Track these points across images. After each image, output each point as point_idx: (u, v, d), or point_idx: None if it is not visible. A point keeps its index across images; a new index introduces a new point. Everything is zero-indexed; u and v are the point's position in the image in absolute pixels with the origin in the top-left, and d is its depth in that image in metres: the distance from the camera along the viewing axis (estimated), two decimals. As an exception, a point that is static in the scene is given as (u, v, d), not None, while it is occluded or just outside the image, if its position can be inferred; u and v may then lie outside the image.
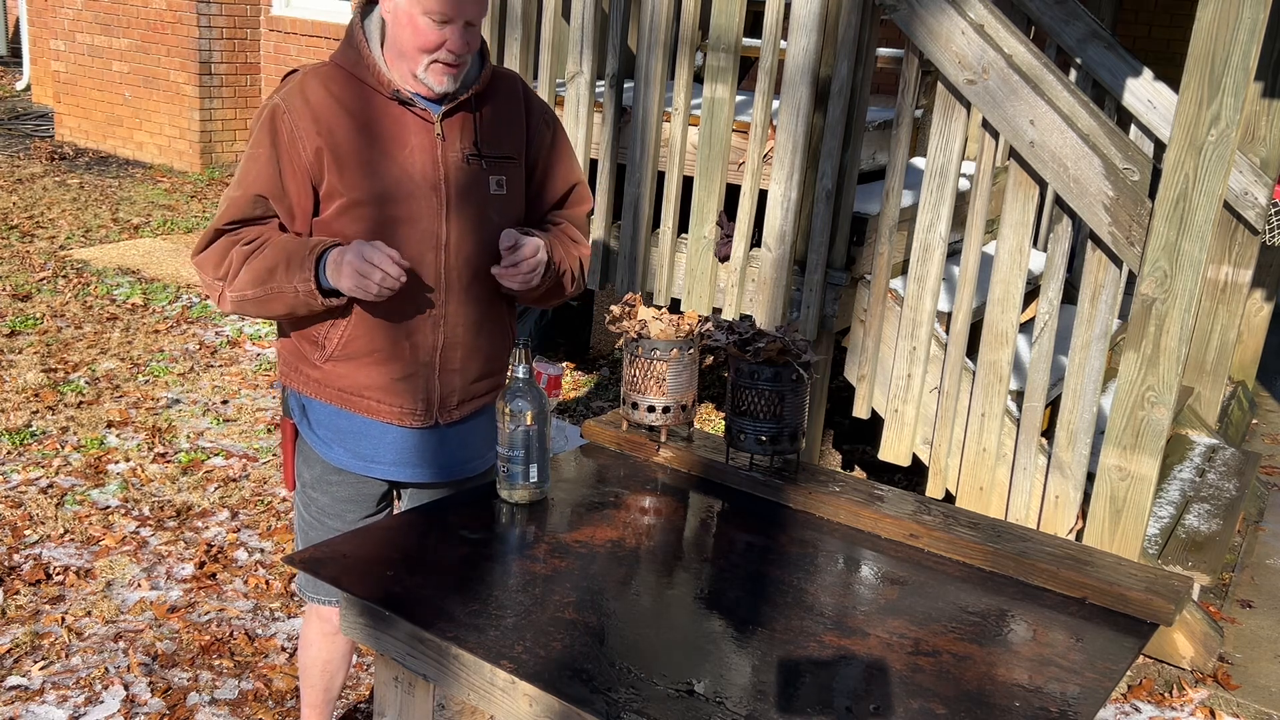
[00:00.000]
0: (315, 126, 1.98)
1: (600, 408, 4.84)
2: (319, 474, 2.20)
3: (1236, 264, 4.30)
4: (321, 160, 1.99)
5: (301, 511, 2.26)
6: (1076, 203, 3.08)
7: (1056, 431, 3.21)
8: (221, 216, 2.03)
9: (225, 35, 8.42)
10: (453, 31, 1.94)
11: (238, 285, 2.01)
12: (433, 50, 1.95)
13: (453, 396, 2.16)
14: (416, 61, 1.97)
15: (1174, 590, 1.79)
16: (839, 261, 3.65)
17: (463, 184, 2.06)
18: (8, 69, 12.04)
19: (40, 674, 2.87)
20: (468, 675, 1.59)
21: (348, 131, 1.99)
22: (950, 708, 1.48)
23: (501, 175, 2.11)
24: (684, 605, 1.71)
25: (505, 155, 2.12)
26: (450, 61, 1.97)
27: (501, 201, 2.12)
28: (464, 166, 2.06)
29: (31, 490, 3.77)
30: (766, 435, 2.10)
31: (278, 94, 2.01)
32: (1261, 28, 2.73)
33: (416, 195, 2.02)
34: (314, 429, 2.17)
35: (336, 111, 1.99)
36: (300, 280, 1.96)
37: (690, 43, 3.80)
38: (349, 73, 2.02)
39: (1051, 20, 4.26)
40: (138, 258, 6.38)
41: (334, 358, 2.09)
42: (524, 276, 2.06)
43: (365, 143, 2.00)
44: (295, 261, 1.97)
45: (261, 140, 1.99)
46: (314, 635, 2.38)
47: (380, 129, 2.01)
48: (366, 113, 2.01)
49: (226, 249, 2.02)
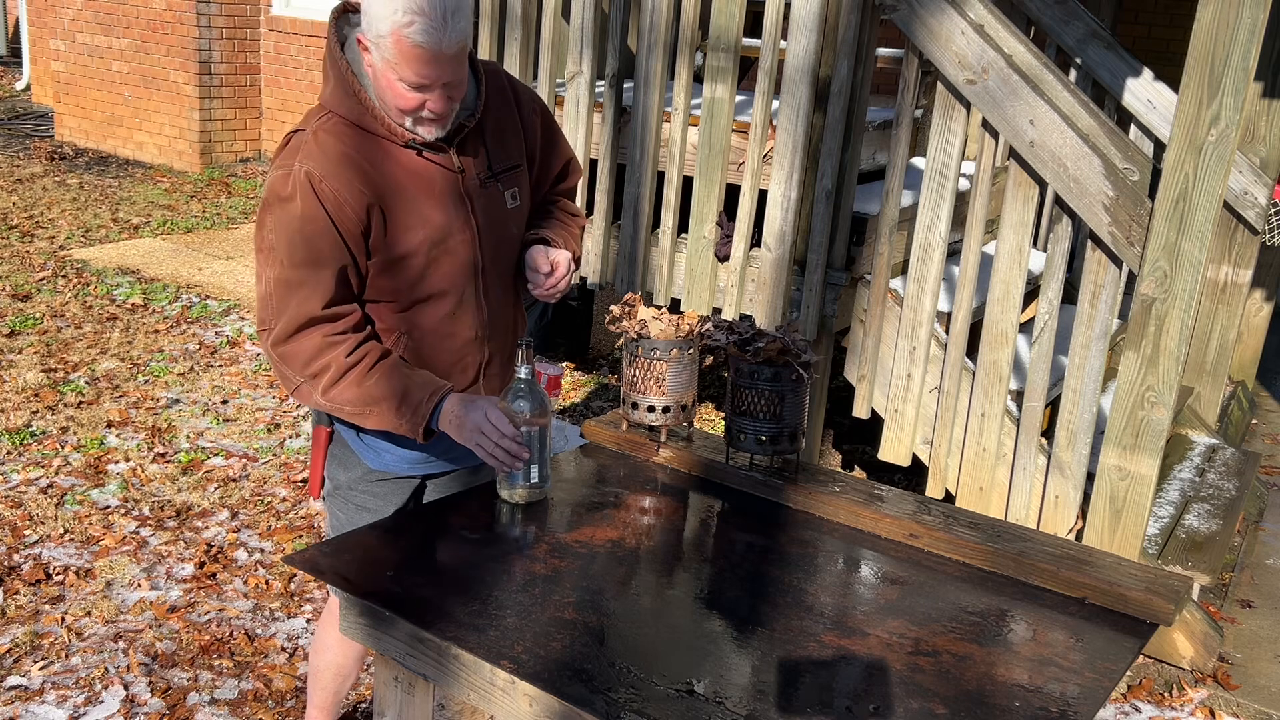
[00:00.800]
0: (352, 187, 1.91)
1: (600, 408, 4.84)
2: (359, 475, 2.19)
3: (1236, 264, 4.30)
4: (369, 220, 1.93)
5: (335, 512, 2.24)
6: (1076, 203, 3.08)
7: (1056, 431, 3.21)
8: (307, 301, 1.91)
9: (225, 35, 8.42)
10: (433, 95, 1.88)
11: (334, 396, 1.95)
12: (414, 111, 1.90)
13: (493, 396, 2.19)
14: (400, 118, 1.92)
15: (1174, 590, 1.79)
16: (839, 261, 3.65)
17: (486, 208, 2.07)
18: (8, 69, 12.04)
19: (40, 674, 2.87)
20: (468, 675, 1.59)
21: (380, 187, 1.94)
22: (950, 708, 1.48)
23: (514, 187, 2.12)
24: (684, 605, 1.71)
25: (513, 165, 2.12)
26: (433, 119, 1.92)
27: (519, 213, 2.15)
28: (483, 192, 2.06)
29: (31, 490, 3.77)
30: (766, 435, 2.10)
31: (297, 161, 1.91)
32: (1261, 28, 2.73)
33: (452, 233, 2.02)
34: (361, 437, 2.16)
35: (365, 168, 1.93)
36: (410, 420, 1.95)
37: (690, 43, 3.80)
38: (355, 125, 1.94)
39: (1051, 20, 4.26)
40: (138, 258, 6.38)
41: None
42: (563, 290, 2.13)
43: (399, 195, 1.96)
44: (410, 403, 1.95)
45: (313, 214, 1.89)
46: (332, 640, 2.38)
47: (407, 178, 1.96)
48: (389, 165, 1.95)
49: (321, 348, 1.93)
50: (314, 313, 1.92)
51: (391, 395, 1.95)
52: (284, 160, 1.93)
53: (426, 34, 1.79)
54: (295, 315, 1.92)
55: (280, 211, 1.91)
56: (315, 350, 1.93)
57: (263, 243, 1.94)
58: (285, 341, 1.94)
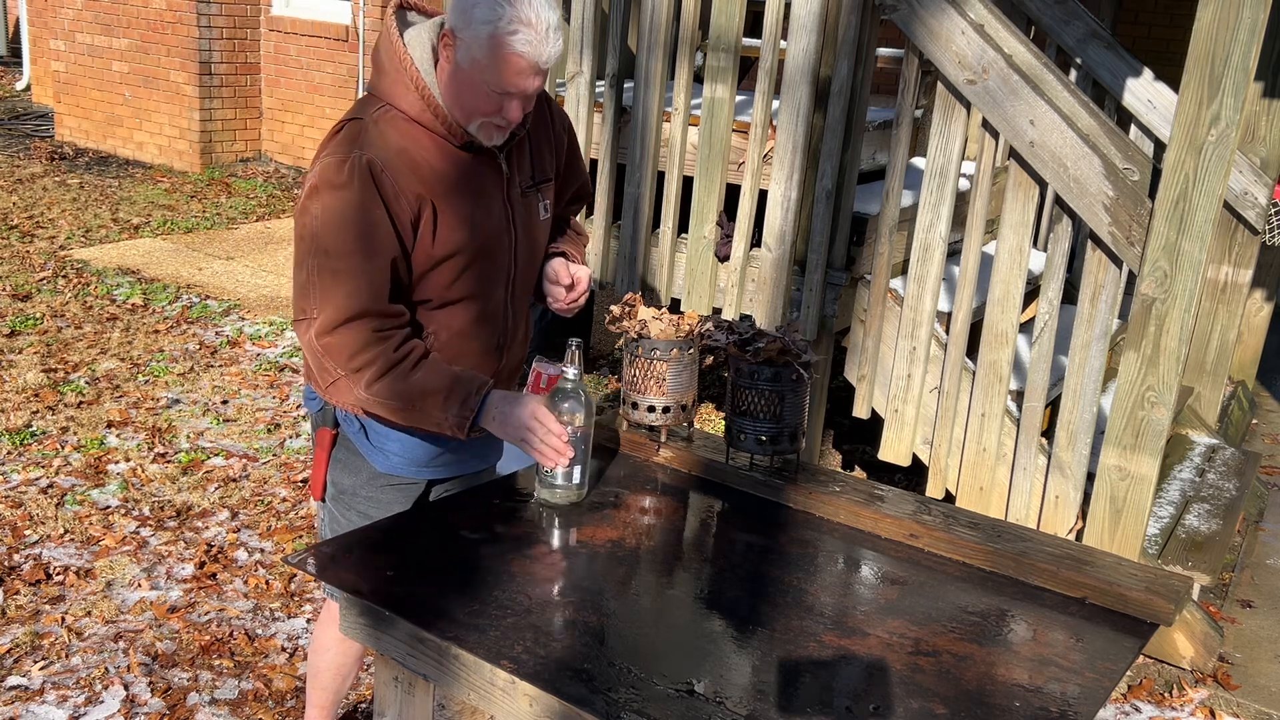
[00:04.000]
0: (412, 180, 1.89)
1: (600, 408, 4.85)
2: (365, 479, 2.15)
3: (1236, 264, 4.29)
4: (421, 215, 1.91)
5: (338, 517, 2.20)
6: (1076, 203, 3.08)
7: (1056, 431, 3.21)
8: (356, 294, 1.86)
9: (225, 35, 8.42)
10: (512, 103, 1.88)
11: (377, 392, 1.90)
12: (489, 115, 1.89)
13: None
14: (468, 120, 1.91)
15: (1174, 590, 1.79)
16: (839, 261, 3.65)
17: (525, 216, 2.08)
18: (8, 69, 12.04)
19: (40, 674, 2.87)
20: (468, 675, 1.59)
21: (436, 183, 1.93)
22: (950, 708, 1.48)
23: (547, 199, 2.14)
24: (684, 605, 1.71)
25: (548, 177, 2.15)
26: (503, 125, 1.92)
27: (546, 224, 2.17)
28: (523, 200, 2.07)
29: (31, 490, 3.77)
30: (766, 435, 2.10)
31: (356, 148, 1.86)
32: (1261, 28, 2.73)
33: (495, 238, 2.02)
34: (369, 438, 2.13)
35: (421, 164, 1.91)
36: (455, 415, 1.90)
37: (690, 43, 3.80)
38: (413, 120, 1.92)
39: (1051, 20, 4.26)
40: (138, 258, 6.38)
41: None
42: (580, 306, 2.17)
43: (454, 194, 1.95)
44: (455, 397, 1.90)
45: (369, 201, 1.84)
46: (330, 640, 2.37)
47: (461, 178, 1.96)
48: (446, 163, 1.94)
49: (368, 341, 1.88)
50: (364, 306, 1.86)
51: (438, 390, 1.91)
52: (339, 147, 1.89)
53: (530, 45, 1.80)
54: (343, 307, 1.86)
55: (332, 198, 1.85)
56: (362, 344, 1.87)
57: (305, 229, 1.87)
58: (330, 333, 1.87)
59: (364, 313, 1.87)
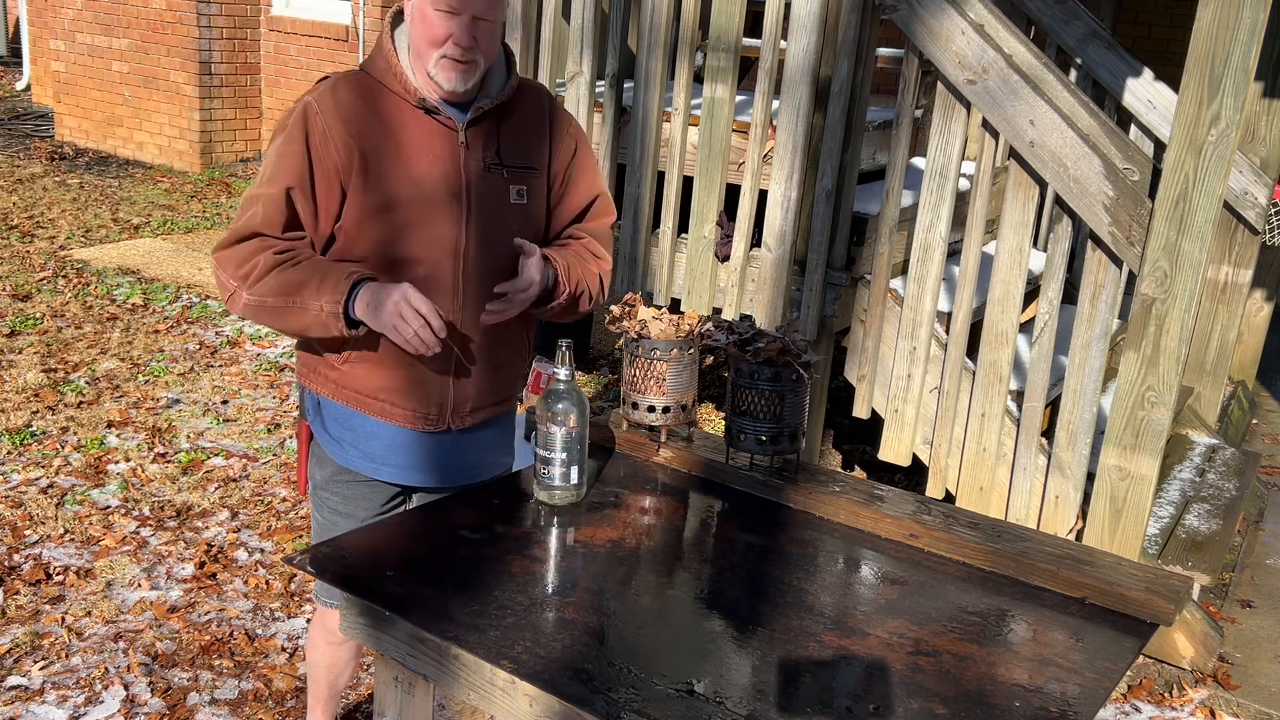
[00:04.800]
0: (346, 129, 1.99)
1: (600, 408, 4.85)
2: (330, 474, 2.20)
3: (1236, 264, 4.29)
4: (351, 162, 1.99)
5: (315, 514, 2.27)
6: (1076, 203, 3.08)
7: (1056, 431, 3.21)
8: (256, 216, 2.00)
9: (225, 35, 8.42)
10: (459, 25, 1.94)
11: (259, 290, 1.99)
12: (440, 43, 1.96)
13: (466, 404, 2.16)
14: (427, 57, 1.98)
15: (1174, 590, 1.79)
16: (839, 261, 3.65)
17: (484, 192, 2.08)
18: (8, 69, 12.04)
19: (40, 674, 2.87)
20: (468, 675, 1.59)
21: (375, 136, 2.01)
22: (950, 708, 1.48)
23: (522, 185, 2.13)
24: (684, 605, 1.71)
25: (527, 166, 2.14)
26: (458, 57, 1.96)
27: (522, 211, 2.13)
28: (485, 175, 2.07)
29: (31, 490, 3.77)
30: (766, 435, 2.10)
31: (310, 95, 2.03)
32: (1261, 28, 2.73)
33: (438, 201, 2.03)
34: (327, 428, 2.17)
35: (366, 116, 2.01)
36: (329, 301, 1.95)
37: (690, 43, 3.80)
38: (377, 80, 2.03)
39: (1051, 20, 4.26)
40: (138, 258, 6.38)
41: (352, 360, 2.10)
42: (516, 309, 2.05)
43: (392, 148, 2.01)
44: (329, 282, 1.96)
45: (294, 137, 1.99)
46: (319, 640, 2.39)
47: (406, 135, 2.02)
48: (394, 119, 2.02)
49: (255, 251, 1.99)
50: (257, 228, 2.00)
51: (311, 279, 1.97)
52: (302, 96, 2.04)
53: None
54: (243, 226, 2.01)
55: (275, 141, 2.03)
56: (249, 253, 2.00)
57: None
58: (226, 248, 2.03)
59: (255, 233, 2.01)
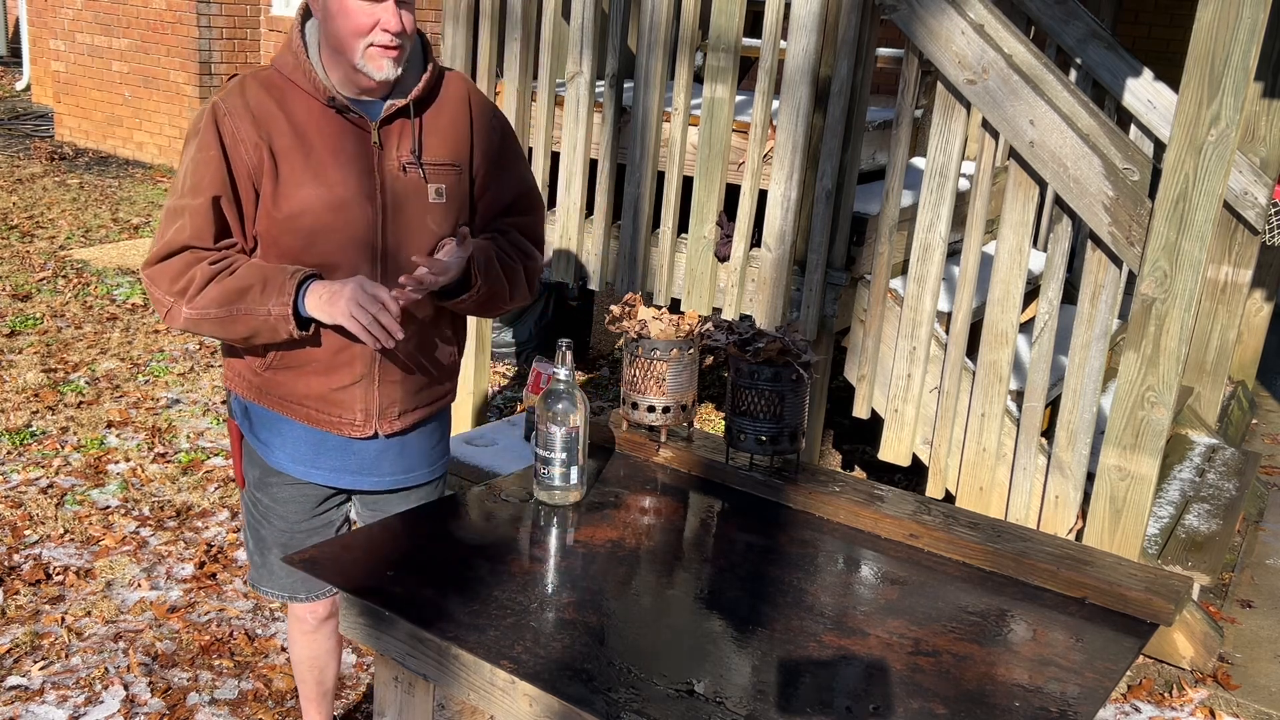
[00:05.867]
0: (255, 130, 1.94)
1: (600, 408, 4.84)
2: (259, 475, 2.19)
3: (1236, 264, 4.29)
4: (262, 164, 1.95)
5: (249, 509, 2.25)
6: (1076, 203, 3.08)
7: (1056, 431, 3.21)
8: (184, 229, 1.95)
9: (225, 35, 8.42)
10: (385, 10, 1.90)
11: (199, 303, 1.94)
12: (367, 32, 1.90)
13: (393, 407, 2.13)
14: (354, 50, 1.92)
15: (1174, 590, 1.79)
16: (839, 261, 3.65)
17: (400, 193, 2.02)
18: (8, 69, 12.04)
19: (40, 674, 2.87)
20: (468, 675, 1.59)
21: (285, 137, 1.96)
22: (950, 708, 1.48)
23: (441, 184, 2.06)
24: (684, 605, 1.71)
25: (446, 162, 2.07)
26: (388, 44, 1.91)
27: (441, 210, 2.07)
28: (401, 176, 2.02)
29: (31, 490, 3.77)
30: (766, 435, 2.10)
31: (218, 96, 1.98)
32: (1261, 28, 2.73)
33: (352, 204, 1.99)
34: (255, 432, 2.16)
35: (275, 116, 1.96)
36: (277, 304, 1.91)
37: (690, 43, 3.80)
38: (286, 78, 1.98)
39: (1051, 20, 4.26)
40: (138, 258, 6.38)
41: (274, 366, 2.08)
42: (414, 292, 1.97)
43: (302, 150, 1.96)
44: (273, 285, 1.92)
45: (208, 142, 1.94)
46: (294, 634, 2.40)
47: (316, 136, 1.97)
48: (303, 119, 1.97)
49: (189, 265, 1.95)
50: (186, 241, 1.95)
51: (254, 283, 1.93)
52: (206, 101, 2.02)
53: None
54: (170, 241, 1.96)
55: (189, 146, 1.98)
56: (182, 267, 1.95)
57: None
58: (154, 264, 1.98)
59: (186, 247, 1.96)
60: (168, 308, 1.98)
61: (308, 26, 2.01)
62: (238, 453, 2.23)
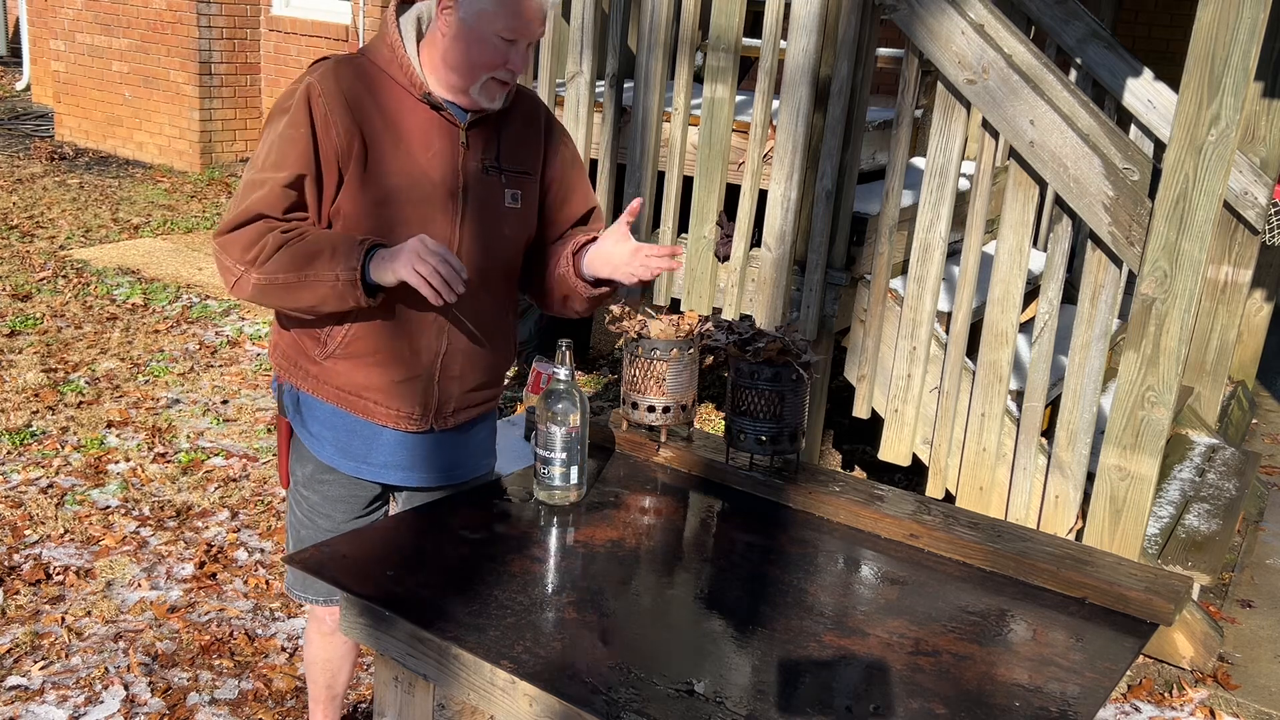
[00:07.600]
0: (348, 113, 1.95)
1: (600, 408, 4.84)
2: (311, 472, 2.19)
3: (1236, 264, 4.29)
4: (351, 148, 1.96)
5: (293, 509, 2.26)
6: (1076, 203, 3.08)
7: (1056, 431, 3.21)
8: (261, 199, 1.94)
9: (225, 35, 8.42)
10: (517, 50, 1.95)
11: (269, 269, 1.93)
12: (495, 68, 1.95)
13: (450, 403, 2.15)
14: (473, 78, 1.96)
15: (1174, 590, 1.79)
16: (839, 261, 3.65)
17: (480, 193, 2.06)
18: (8, 69, 12.03)
19: (40, 674, 2.87)
20: (468, 675, 1.59)
21: (376, 124, 1.98)
22: (950, 708, 1.48)
23: (518, 190, 2.12)
24: (684, 605, 1.71)
25: (523, 171, 2.13)
26: (506, 80, 1.97)
27: (515, 216, 2.13)
28: (483, 177, 2.06)
29: (31, 490, 3.77)
30: (766, 435, 2.10)
31: (310, 76, 1.97)
32: (1261, 28, 2.73)
33: (434, 198, 2.02)
34: (307, 425, 2.16)
35: (368, 102, 1.98)
36: (344, 269, 1.91)
37: (690, 43, 3.80)
38: (380, 68, 2.00)
39: (1051, 20, 4.26)
40: (138, 258, 6.38)
41: (335, 355, 2.08)
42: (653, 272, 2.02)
43: (391, 138, 1.99)
44: (342, 251, 1.92)
45: (299, 120, 1.94)
46: (312, 634, 2.40)
47: (407, 128, 2.00)
48: (395, 109, 1.99)
49: (262, 233, 1.94)
50: (262, 210, 1.94)
51: (324, 248, 1.93)
52: (298, 79, 2.00)
53: None
54: (246, 210, 1.95)
55: (276, 122, 1.97)
56: (255, 236, 1.94)
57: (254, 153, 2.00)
58: (227, 232, 1.96)
59: (260, 215, 1.94)
60: (237, 276, 1.97)
61: (404, 19, 2.03)
62: (284, 449, 2.23)
